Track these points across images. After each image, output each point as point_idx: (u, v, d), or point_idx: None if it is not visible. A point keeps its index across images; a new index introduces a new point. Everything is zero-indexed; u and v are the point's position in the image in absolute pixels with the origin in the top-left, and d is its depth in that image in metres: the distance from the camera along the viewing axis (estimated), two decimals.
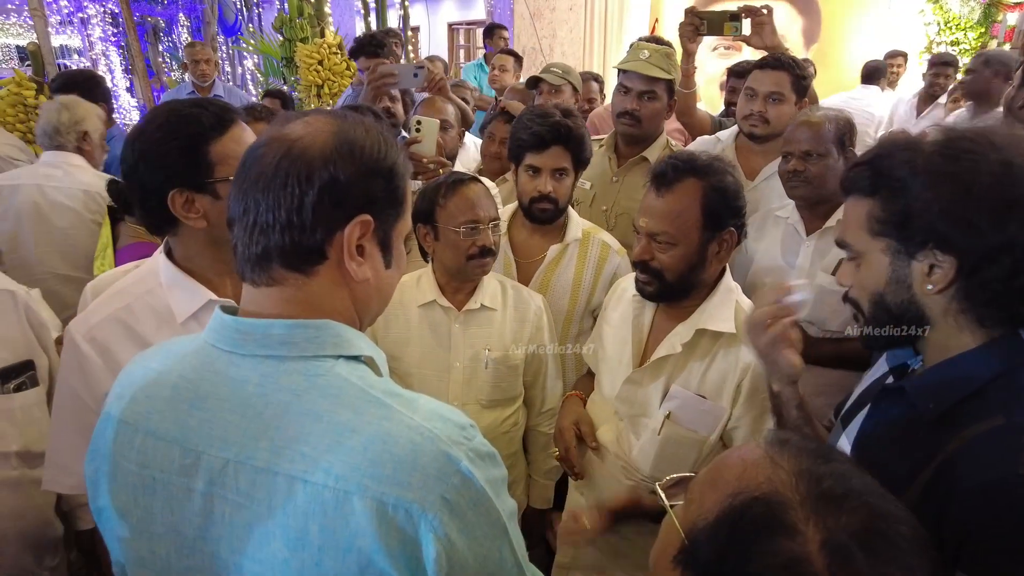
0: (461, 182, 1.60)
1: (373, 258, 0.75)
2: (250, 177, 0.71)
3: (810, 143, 1.79)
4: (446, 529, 0.64)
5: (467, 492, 0.66)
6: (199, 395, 0.71)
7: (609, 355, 1.54)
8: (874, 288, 0.95)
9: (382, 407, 0.67)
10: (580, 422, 1.55)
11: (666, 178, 1.33)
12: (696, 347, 1.38)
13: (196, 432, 0.70)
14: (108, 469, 0.75)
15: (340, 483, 0.63)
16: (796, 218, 1.94)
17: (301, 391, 0.68)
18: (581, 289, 1.88)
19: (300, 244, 0.70)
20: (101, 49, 7.49)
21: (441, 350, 1.64)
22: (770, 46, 2.41)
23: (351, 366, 0.71)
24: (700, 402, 1.36)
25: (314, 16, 4.78)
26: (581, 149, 1.81)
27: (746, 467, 0.62)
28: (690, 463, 1.39)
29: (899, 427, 0.97)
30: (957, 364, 0.91)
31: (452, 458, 0.66)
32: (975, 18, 5.52)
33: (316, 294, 0.72)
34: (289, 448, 0.66)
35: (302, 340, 0.70)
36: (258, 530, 0.67)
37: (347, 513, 0.63)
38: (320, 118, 0.73)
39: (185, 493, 0.70)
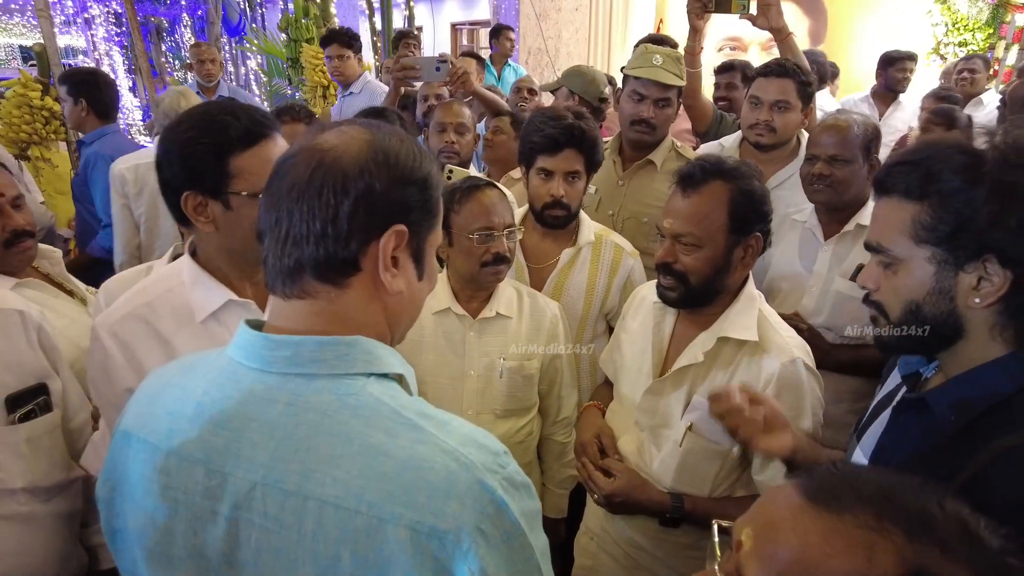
0: (476, 188, 1.58)
1: (406, 270, 0.73)
2: (283, 187, 0.69)
3: (837, 148, 1.76)
4: (481, 562, 0.61)
5: (501, 524, 0.63)
6: (225, 414, 0.68)
7: (628, 364, 1.51)
8: (911, 297, 0.90)
9: (415, 430, 0.65)
10: (602, 434, 1.52)
11: (693, 179, 1.30)
12: (719, 356, 1.35)
13: (222, 453, 0.67)
14: (126, 490, 0.72)
15: (373, 510, 0.61)
16: (814, 222, 1.91)
17: (331, 411, 0.65)
18: (595, 293, 1.85)
19: (334, 255, 0.68)
20: (104, 49, 7.47)
21: (455, 358, 1.61)
22: (776, 27, 2.39)
23: (383, 384, 0.69)
24: None
25: (320, 16, 4.77)
26: (594, 152, 1.78)
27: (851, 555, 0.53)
28: (712, 475, 1.37)
29: (919, 440, 0.95)
30: (981, 375, 0.88)
31: (487, 487, 0.63)
32: (983, 19, 5.50)
33: (348, 307, 0.70)
34: (320, 471, 0.63)
35: (332, 357, 0.68)
36: (287, 556, 0.64)
37: (380, 541, 0.61)
38: (353, 128, 0.71)
39: (210, 516, 0.67)
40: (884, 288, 0.94)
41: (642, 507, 1.39)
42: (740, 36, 6.56)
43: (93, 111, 2.86)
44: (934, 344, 0.93)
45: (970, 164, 0.84)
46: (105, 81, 2.99)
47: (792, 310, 1.87)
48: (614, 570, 1.53)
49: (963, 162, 0.84)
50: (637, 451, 1.45)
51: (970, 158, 0.84)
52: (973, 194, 0.82)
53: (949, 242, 0.85)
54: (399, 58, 2.44)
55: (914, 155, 0.90)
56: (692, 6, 2.44)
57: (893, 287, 0.92)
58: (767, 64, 2.20)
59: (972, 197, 0.83)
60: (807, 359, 1.32)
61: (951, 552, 0.51)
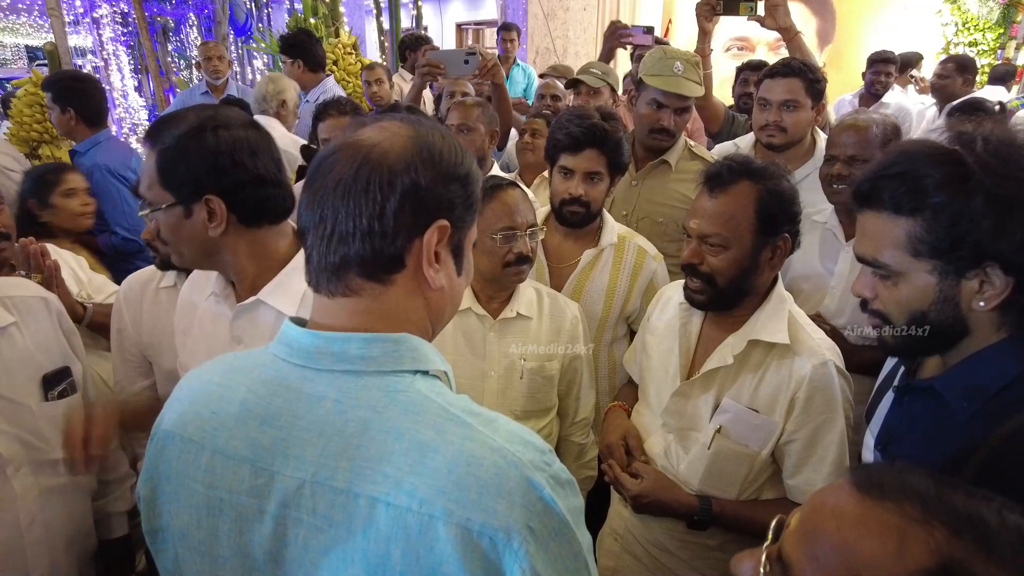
0: (499, 187, 1.56)
1: (447, 265, 0.73)
2: (327, 184, 0.68)
3: (856, 148, 1.75)
4: (531, 560, 0.60)
5: (550, 521, 0.63)
6: (271, 412, 0.68)
7: (654, 365, 1.50)
8: (916, 307, 0.91)
9: (464, 426, 0.64)
10: (628, 436, 1.50)
11: (721, 179, 1.29)
12: (748, 358, 1.33)
13: (268, 451, 0.67)
14: (168, 489, 0.72)
15: (424, 507, 0.60)
16: (835, 223, 1.90)
17: (381, 408, 0.65)
18: (616, 295, 1.84)
19: (381, 252, 0.68)
20: (112, 49, 7.49)
21: (476, 359, 1.60)
22: (783, 27, 2.39)
23: (429, 382, 0.69)
24: (752, 416, 1.31)
25: (328, 16, 4.76)
26: (618, 153, 1.76)
27: (885, 539, 0.53)
28: (740, 478, 1.35)
29: (927, 423, 0.97)
30: (984, 360, 0.90)
31: (535, 484, 0.62)
32: (993, 19, 5.47)
33: (393, 304, 0.70)
34: (370, 468, 0.63)
35: (380, 355, 0.67)
36: (336, 554, 0.64)
37: (431, 539, 0.60)
38: (395, 123, 0.71)
39: (256, 515, 0.67)
40: (885, 298, 0.95)
41: (670, 509, 1.38)
42: (747, 36, 6.55)
43: (82, 119, 2.77)
44: (941, 345, 0.95)
45: (954, 175, 0.84)
46: (93, 87, 2.88)
47: (814, 311, 1.86)
48: (638, 571, 1.52)
49: (947, 173, 0.85)
50: (664, 453, 1.44)
51: (952, 168, 0.85)
52: (968, 207, 0.83)
53: (948, 254, 0.86)
54: (425, 52, 2.42)
55: (894, 167, 0.90)
56: (700, 9, 2.45)
57: (896, 299, 0.93)
58: (773, 65, 2.19)
59: (967, 210, 0.83)
60: (838, 361, 1.31)
61: (996, 556, 0.51)
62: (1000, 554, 0.51)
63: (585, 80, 2.78)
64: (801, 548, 0.58)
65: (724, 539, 1.41)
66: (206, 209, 1.04)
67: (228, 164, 1.04)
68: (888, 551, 0.53)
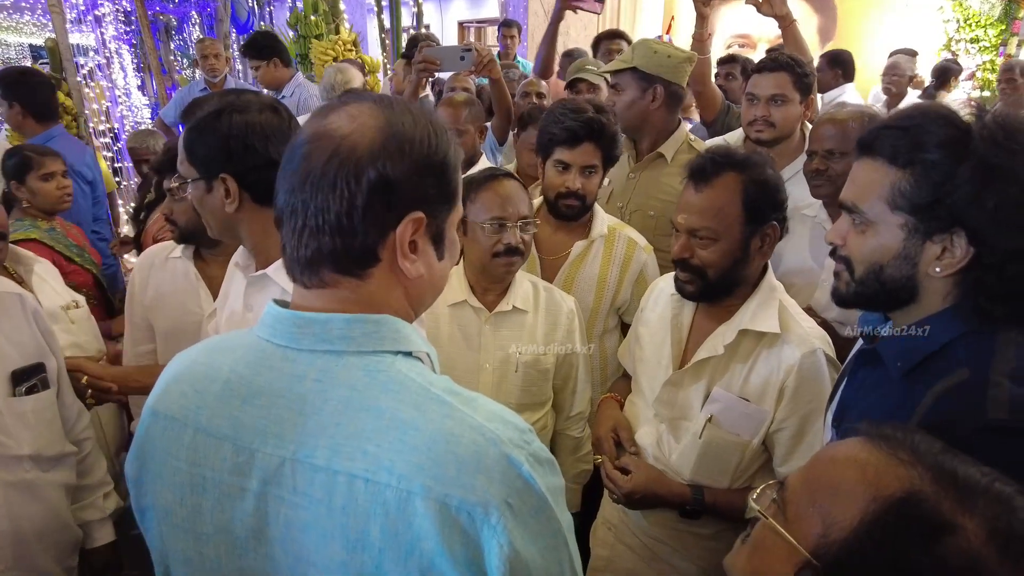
0: (493, 177, 1.57)
1: (426, 253, 0.73)
2: (298, 177, 0.68)
3: (834, 142, 1.75)
4: (510, 536, 0.61)
5: (529, 498, 0.63)
6: (252, 391, 0.69)
7: (647, 356, 1.51)
8: (877, 259, 0.93)
9: (444, 405, 0.65)
10: (618, 427, 1.52)
11: (705, 173, 1.30)
12: (738, 348, 1.34)
13: (250, 429, 0.68)
14: (153, 468, 0.73)
15: (403, 483, 0.61)
16: (824, 216, 1.90)
17: (361, 387, 0.66)
18: (606, 286, 1.85)
19: (351, 247, 0.68)
20: (114, 47, 7.51)
21: (471, 351, 1.61)
22: (780, 15, 2.38)
23: (410, 362, 0.70)
24: (743, 405, 1.33)
25: (329, 13, 4.77)
26: (612, 147, 1.78)
27: (865, 467, 0.59)
28: (732, 467, 1.36)
29: (876, 391, 0.99)
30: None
31: (514, 461, 0.63)
32: (995, 15, 5.46)
33: (370, 295, 0.71)
34: (349, 445, 0.64)
35: (361, 335, 0.68)
36: (316, 531, 0.65)
37: (410, 515, 0.61)
38: (365, 109, 0.69)
39: (238, 493, 0.68)
40: (851, 245, 0.96)
41: (662, 500, 1.39)
42: (749, 33, 6.54)
43: (30, 114, 2.78)
44: (887, 303, 0.97)
45: (957, 138, 0.85)
46: (38, 81, 2.89)
47: (805, 304, 1.86)
48: (632, 561, 1.53)
49: (950, 135, 0.85)
50: (656, 443, 1.45)
51: (958, 132, 0.85)
52: (956, 169, 0.84)
53: (924, 212, 0.87)
54: (422, 48, 2.43)
55: (905, 120, 0.91)
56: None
57: (860, 247, 0.95)
58: (761, 60, 2.19)
59: (954, 172, 0.84)
60: (828, 349, 1.32)
61: (968, 506, 0.53)
62: (971, 506, 0.53)
63: (585, 77, 2.76)
64: (800, 475, 0.65)
65: (718, 528, 1.41)
66: (223, 187, 1.12)
67: (240, 147, 1.10)
68: (865, 478, 0.58)
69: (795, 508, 0.62)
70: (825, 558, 0.57)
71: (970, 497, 0.54)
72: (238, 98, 1.14)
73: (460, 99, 2.45)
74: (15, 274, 1.71)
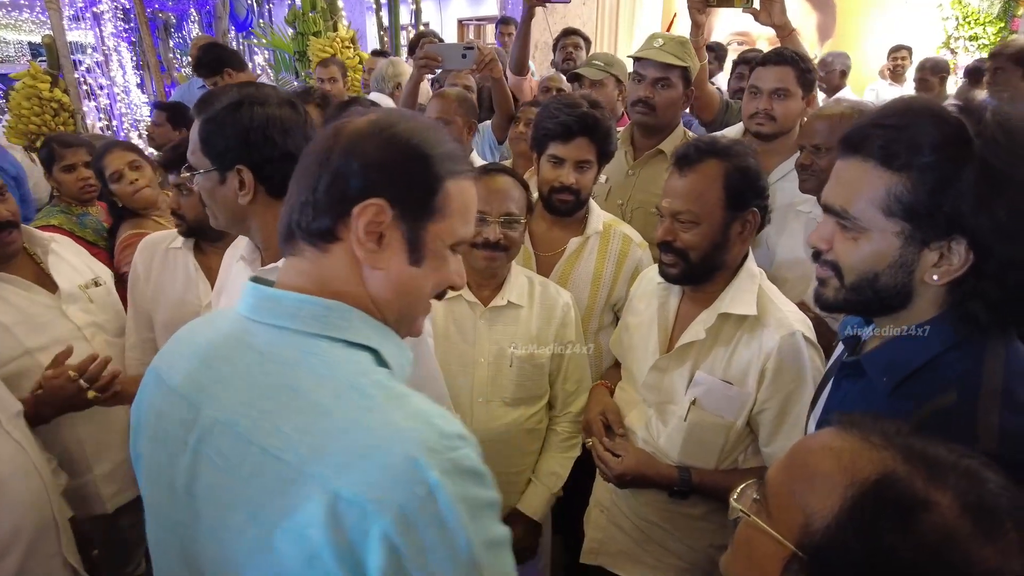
0: (485, 171, 1.58)
1: (392, 249, 0.73)
2: (301, 162, 0.76)
3: (821, 136, 1.75)
4: (400, 541, 0.59)
5: (429, 507, 0.60)
6: (216, 356, 0.74)
7: (636, 343, 1.55)
8: (871, 267, 0.87)
9: (365, 397, 0.66)
10: (606, 411, 1.56)
11: (689, 159, 1.34)
12: (720, 332, 1.39)
13: (203, 391, 0.72)
14: (139, 418, 0.80)
15: (304, 466, 0.62)
16: (818, 212, 1.90)
17: (292, 365, 0.69)
18: (601, 283, 1.85)
19: (314, 222, 0.72)
20: (113, 45, 7.51)
21: (466, 345, 1.62)
22: (778, 24, 2.37)
23: (350, 351, 0.71)
24: (725, 387, 1.36)
25: (327, 10, 4.77)
26: (607, 142, 1.77)
27: (840, 454, 0.59)
28: (717, 448, 1.40)
29: (859, 402, 0.96)
30: (909, 339, 0.89)
31: (420, 465, 0.60)
32: (994, 13, 5.45)
33: (329, 269, 0.74)
34: (268, 421, 0.66)
35: (308, 316, 0.71)
36: (228, 495, 0.67)
37: (304, 497, 0.61)
38: (373, 113, 0.75)
39: (182, 446, 0.72)
40: (840, 251, 0.90)
41: (651, 481, 1.43)
42: (748, 31, 6.54)
43: None
44: (877, 310, 0.92)
45: (953, 138, 0.79)
46: None
47: (799, 299, 1.86)
48: (624, 543, 1.57)
49: (946, 135, 0.80)
50: (644, 427, 1.49)
51: (952, 131, 0.80)
52: (958, 175, 0.79)
53: (922, 219, 0.82)
54: (423, 45, 2.43)
55: (894, 118, 0.84)
56: (693, 1, 2.44)
57: (851, 254, 0.89)
58: (766, 53, 2.19)
59: (955, 178, 0.79)
60: (807, 332, 1.35)
61: (940, 481, 0.54)
62: (943, 482, 0.54)
63: (585, 73, 2.75)
64: (778, 469, 0.65)
65: (707, 509, 1.45)
66: (237, 178, 1.13)
67: (259, 139, 1.12)
68: (841, 465, 0.58)
69: (777, 503, 0.63)
70: (810, 548, 0.57)
71: (941, 473, 0.55)
72: (258, 91, 1.16)
73: (452, 92, 2.45)
74: (33, 255, 1.71)
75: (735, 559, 0.67)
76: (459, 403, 1.61)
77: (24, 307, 1.60)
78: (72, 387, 1.46)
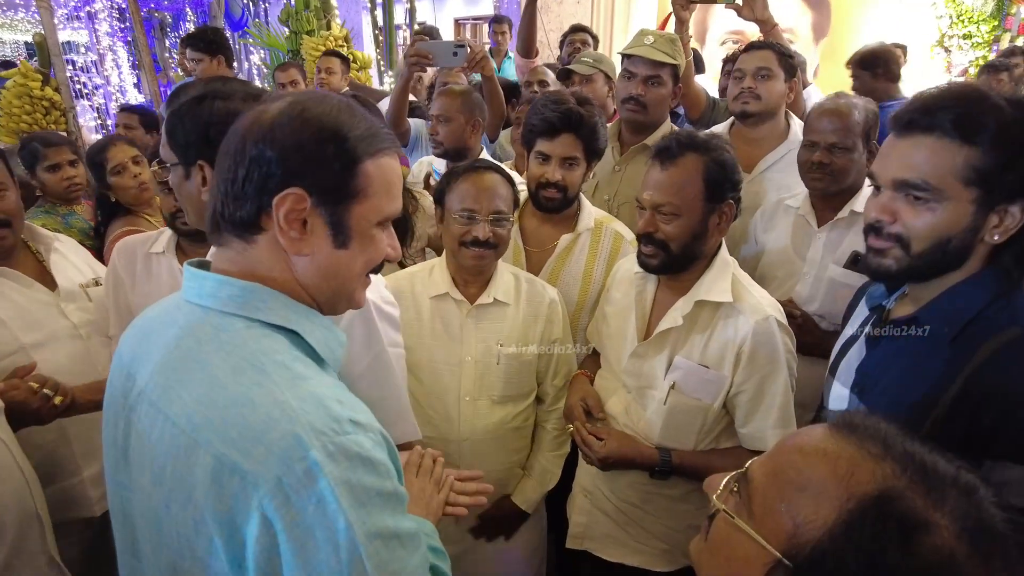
0: (474, 169, 1.58)
1: (317, 235, 0.74)
2: (222, 152, 0.76)
3: (837, 135, 1.74)
4: (276, 515, 0.62)
5: (309, 486, 0.62)
6: (149, 330, 0.79)
7: (613, 331, 1.59)
8: (946, 234, 0.96)
9: (261, 374, 0.68)
10: (587, 397, 1.59)
11: (670, 152, 1.38)
12: (697, 319, 1.43)
13: (137, 362, 0.77)
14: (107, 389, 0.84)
15: (194, 432, 0.66)
16: (807, 209, 1.90)
17: (203, 341, 0.72)
18: (592, 280, 1.85)
19: (234, 214, 0.74)
20: (108, 44, 7.50)
21: (453, 343, 1.62)
22: (761, 18, 2.39)
23: (264, 331, 0.73)
24: (703, 371, 1.41)
25: (320, 9, 4.77)
26: (593, 138, 1.77)
27: (836, 463, 0.56)
28: (695, 430, 1.46)
29: (906, 360, 1.04)
30: (961, 291, 0.98)
31: (302, 443, 0.63)
32: (988, 11, 5.44)
33: (255, 260, 0.76)
34: (173, 390, 0.70)
35: (226, 296, 0.74)
36: (142, 457, 0.72)
37: (193, 463, 0.65)
38: (288, 98, 0.75)
39: (121, 412, 0.77)
40: (910, 222, 0.98)
41: (633, 463, 1.47)
42: (743, 30, 6.53)
43: None
44: (937, 271, 1.00)
45: (1005, 114, 0.91)
46: None
47: (786, 297, 1.86)
48: (608, 526, 1.61)
49: (1000, 111, 0.91)
50: (625, 411, 1.54)
51: (1000, 107, 0.91)
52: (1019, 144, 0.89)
53: (994, 186, 0.92)
54: (413, 42, 2.42)
55: (956, 97, 0.95)
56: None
57: (926, 223, 0.97)
58: (748, 43, 2.25)
59: (1018, 147, 0.90)
60: (779, 316, 1.40)
61: (937, 499, 0.52)
62: (943, 501, 0.53)
63: (576, 69, 2.76)
64: (764, 467, 0.62)
65: (687, 489, 1.50)
66: (200, 174, 1.10)
67: (218, 135, 1.08)
68: (837, 475, 0.56)
69: (761, 503, 0.60)
70: (797, 559, 0.55)
71: (940, 491, 0.53)
72: (223, 85, 1.13)
73: (457, 89, 2.43)
74: (35, 252, 1.71)
75: (711, 555, 0.65)
76: (446, 402, 1.61)
77: (21, 303, 1.59)
78: (35, 399, 1.41)
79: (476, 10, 9.56)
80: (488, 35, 5.12)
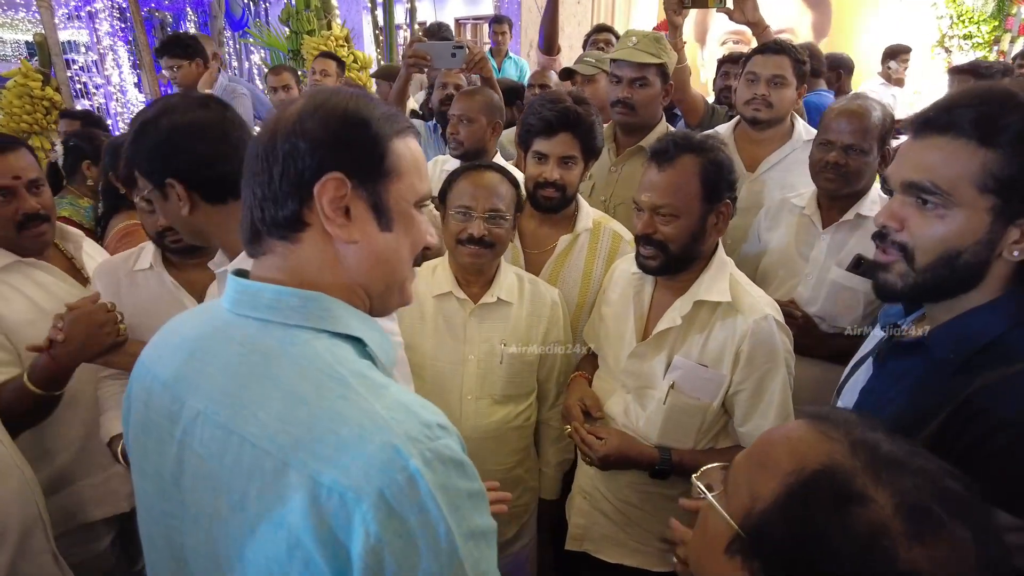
0: (475, 168, 1.59)
1: (362, 219, 0.73)
2: (248, 160, 0.75)
3: (855, 137, 1.72)
4: (380, 528, 0.59)
5: (411, 494, 0.60)
6: (199, 348, 0.75)
7: (611, 332, 1.59)
8: (955, 246, 0.86)
9: (344, 387, 0.66)
10: (585, 397, 1.60)
11: (667, 154, 1.39)
12: (695, 318, 1.44)
13: (186, 381, 0.73)
14: (129, 405, 0.81)
15: (282, 453, 0.63)
16: (813, 209, 1.89)
17: (273, 356, 0.69)
18: (592, 280, 1.85)
19: (277, 215, 0.72)
20: (109, 44, 7.50)
21: (456, 342, 1.62)
22: (752, 21, 2.39)
23: (331, 342, 0.71)
24: (702, 371, 1.42)
25: (321, 9, 4.77)
26: (591, 137, 1.77)
27: (794, 444, 0.61)
28: (694, 429, 1.46)
29: (910, 379, 0.96)
30: (977, 316, 0.89)
31: (401, 453, 0.61)
32: (988, 11, 5.44)
33: (304, 261, 0.73)
34: (247, 410, 0.67)
35: (287, 308, 0.71)
36: (212, 484, 0.68)
37: (284, 485, 0.62)
38: (304, 97, 0.75)
39: (168, 438, 0.73)
40: (917, 230, 0.88)
41: (633, 462, 1.47)
42: (743, 30, 6.54)
43: None
44: (947, 291, 0.90)
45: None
46: None
47: (788, 297, 1.86)
48: (607, 527, 1.61)
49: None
50: (624, 412, 1.54)
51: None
52: None
53: (1014, 195, 0.82)
54: (412, 43, 2.41)
55: (978, 97, 0.85)
56: (669, 2, 2.46)
57: (933, 232, 0.87)
58: (763, 43, 2.23)
59: None
60: (777, 315, 1.41)
61: (880, 477, 0.55)
62: (885, 479, 0.55)
63: (578, 69, 2.76)
64: (743, 453, 0.68)
65: (685, 488, 1.47)
66: (174, 192, 1.10)
67: (172, 150, 1.10)
68: (792, 454, 0.60)
69: (732, 484, 0.66)
70: (749, 529, 0.60)
71: (888, 471, 0.56)
72: (166, 102, 1.14)
73: (479, 92, 2.41)
74: (64, 251, 1.73)
75: (696, 539, 0.71)
76: (448, 400, 1.62)
77: (60, 295, 1.62)
78: (104, 314, 1.39)
79: (476, 10, 9.57)
80: (488, 35, 5.12)
